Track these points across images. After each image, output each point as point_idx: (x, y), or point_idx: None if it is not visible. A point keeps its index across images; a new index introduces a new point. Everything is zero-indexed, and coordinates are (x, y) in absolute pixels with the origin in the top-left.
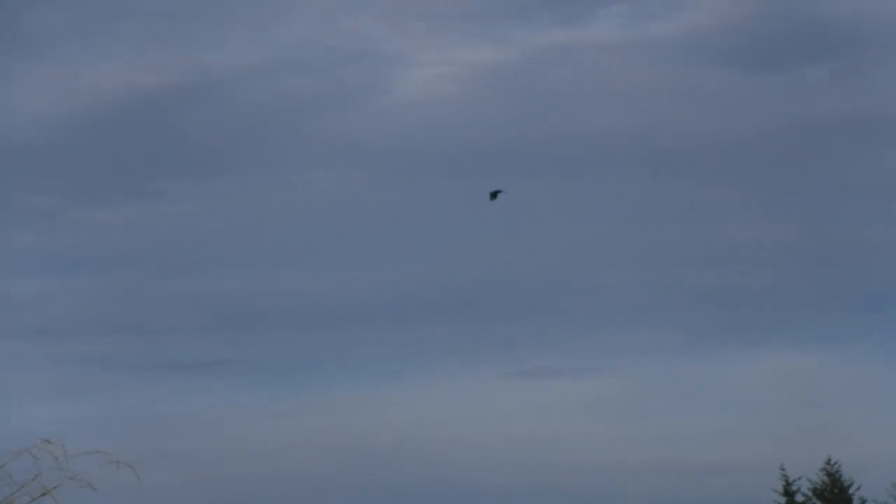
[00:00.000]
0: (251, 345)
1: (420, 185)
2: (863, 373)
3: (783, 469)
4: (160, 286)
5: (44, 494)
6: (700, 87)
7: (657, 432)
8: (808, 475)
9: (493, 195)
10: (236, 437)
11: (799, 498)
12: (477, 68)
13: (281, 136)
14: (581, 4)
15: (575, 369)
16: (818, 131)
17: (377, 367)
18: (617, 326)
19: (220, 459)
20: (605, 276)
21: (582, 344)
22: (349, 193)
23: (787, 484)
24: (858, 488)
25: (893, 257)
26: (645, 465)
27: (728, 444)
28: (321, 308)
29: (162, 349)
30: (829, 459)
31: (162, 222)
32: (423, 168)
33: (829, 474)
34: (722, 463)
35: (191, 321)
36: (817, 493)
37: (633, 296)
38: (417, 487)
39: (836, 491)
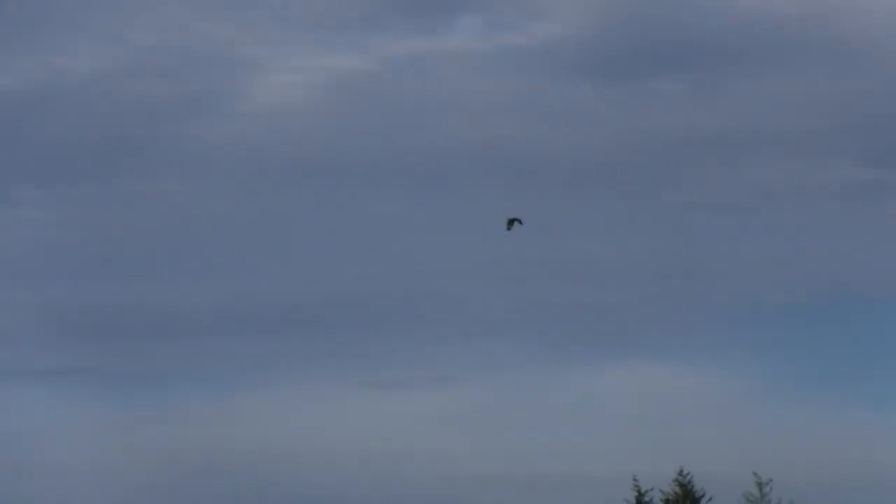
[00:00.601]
0: (103, 355)
1: (275, 194)
2: (716, 385)
3: (636, 480)
4: (6, 294)
5: None
6: (556, 100)
7: (513, 445)
8: (660, 486)
9: (510, 224)
10: (84, 448)
11: None
12: (333, 76)
13: (134, 143)
14: (438, 14)
15: (431, 380)
16: (675, 145)
17: (231, 379)
18: (473, 339)
19: (65, 472)
20: (462, 288)
21: (438, 355)
22: (204, 202)
23: (640, 495)
24: (710, 499)
25: (747, 272)
26: (500, 477)
27: (582, 457)
28: (176, 318)
29: (8, 358)
30: (682, 470)
31: (12, 230)
32: (278, 176)
33: (681, 485)
34: (576, 475)
35: (39, 330)
36: (669, 503)
37: (489, 308)
38: (272, 499)
39: (687, 502)
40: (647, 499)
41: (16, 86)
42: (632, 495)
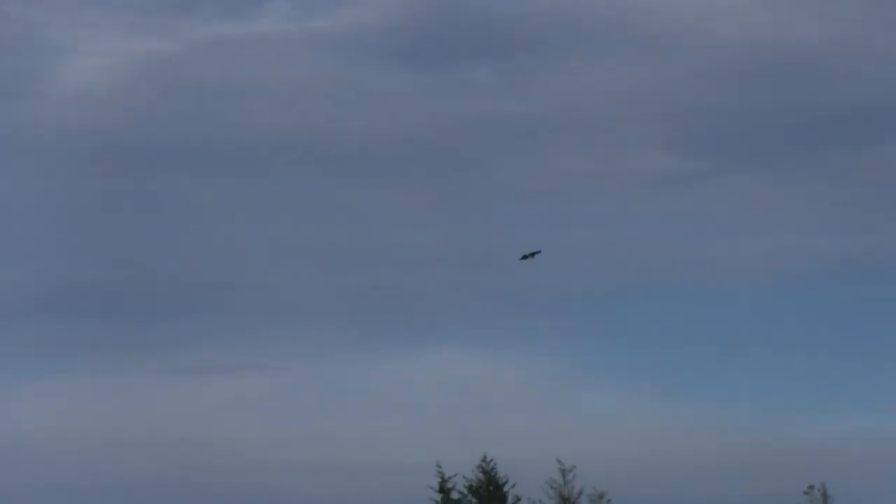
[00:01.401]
0: None
1: (80, 178)
2: (523, 373)
3: (439, 466)
4: None
5: None
6: (365, 85)
7: (319, 432)
8: (464, 473)
9: (528, 255)
10: None
11: (455, 495)
12: (141, 59)
13: None
14: None
15: (238, 367)
16: (483, 132)
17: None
18: (282, 325)
19: None
20: (271, 274)
21: (246, 342)
22: (6, 183)
23: (443, 481)
24: (514, 486)
25: (555, 261)
26: (306, 464)
27: (388, 444)
28: None
29: None
30: (485, 457)
31: None
32: (84, 160)
33: (484, 472)
34: (381, 462)
35: None
36: (472, 490)
37: (298, 295)
38: (67, 487)
39: (491, 488)
40: (450, 485)
41: None
42: (435, 482)
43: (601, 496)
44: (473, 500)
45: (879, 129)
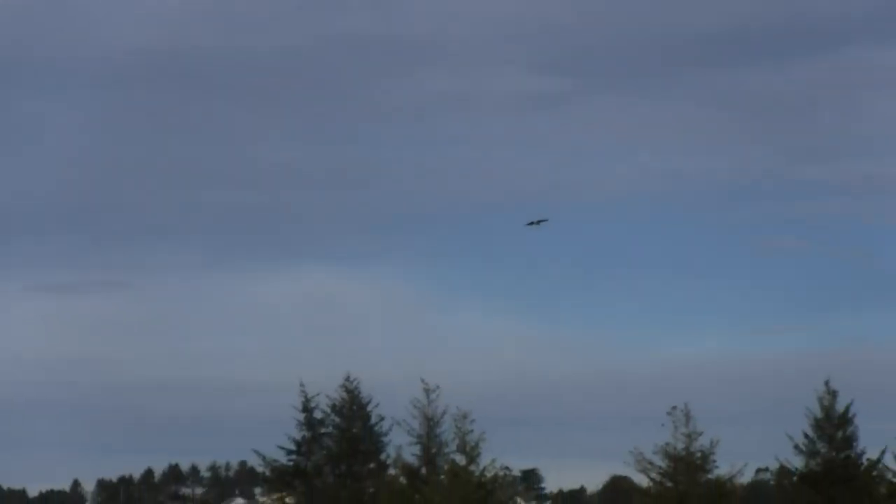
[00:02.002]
0: None
1: None
2: (386, 292)
3: (302, 386)
4: None
5: None
6: (230, 4)
7: (181, 350)
8: (327, 392)
9: (535, 223)
10: None
11: (318, 414)
12: None
13: None
14: None
15: (100, 285)
16: (348, 52)
17: None
18: (142, 243)
19: None
20: (131, 193)
21: (107, 260)
22: None
23: (307, 400)
24: (377, 405)
25: (417, 180)
26: (168, 383)
27: (252, 362)
28: None
29: None
30: (349, 376)
31: None
32: None
33: (348, 391)
34: (244, 381)
35: None
36: (336, 409)
37: (159, 213)
38: None
39: (354, 407)
40: (313, 405)
41: None
42: (299, 401)
43: (465, 416)
44: (336, 419)
45: (747, 53)
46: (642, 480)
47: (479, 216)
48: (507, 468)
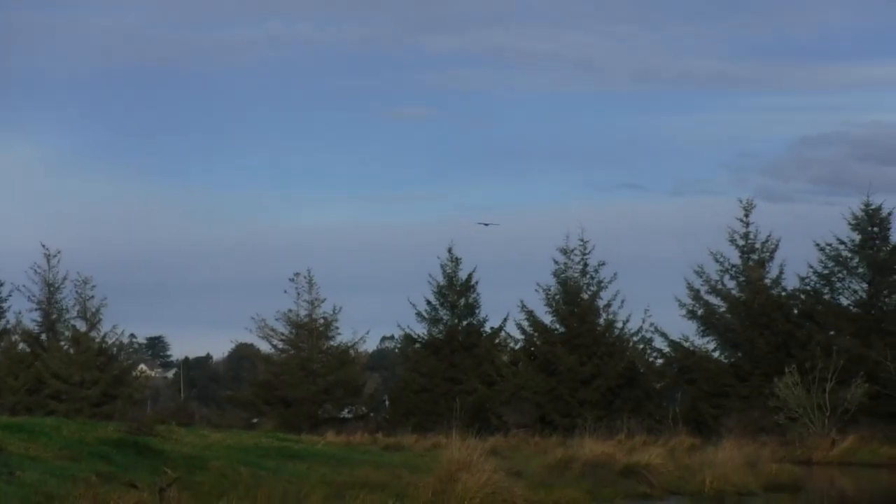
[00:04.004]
0: None
1: None
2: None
3: None
4: None
5: None
6: None
7: None
8: None
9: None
10: None
11: None
12: None
13: None
14: None
15: None
16: None
17: None
18: None
19: None
20: None
21: None
22: None
23: None
24: None
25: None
26: None
27: None
28: None
29: None
30: None
31: None
32: None
33: None
34: None
35: None
36: None
37: None
38: None
39: None
40: None
41: None
42: None
43: (85, 282)
44: None
45: None
46: (266, 348)
47: (99, 80)
48: (132, 335)
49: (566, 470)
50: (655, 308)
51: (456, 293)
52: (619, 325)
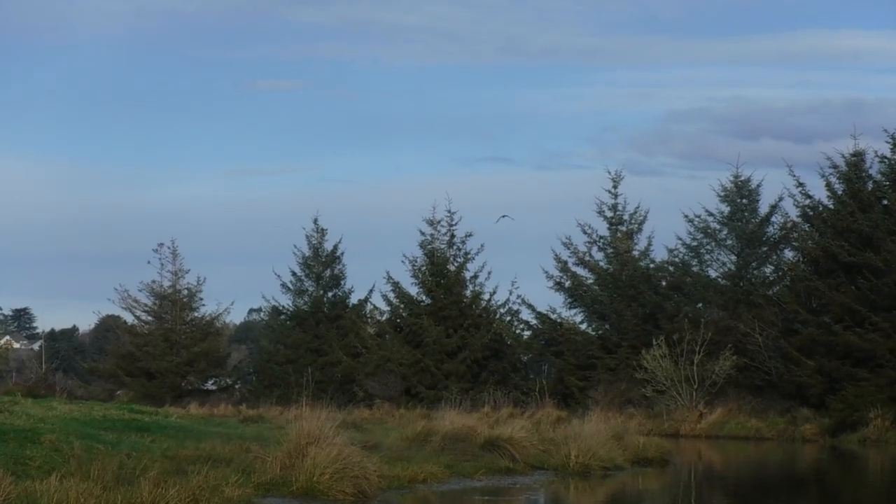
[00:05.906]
0: None
1: None
2: None
3: None
4: None
5: None
6: None
7: None
8: None
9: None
10: None
11: None
12: None
13: None
14: None
15: None
16: None
17: None
18: None
19: None
20: None
21: None
22: None
23: None
24: None
25: None
26: None
27: None
28: None
29: None
30: None
31: None
32: None
33: None
34: None
35: None
36: None
37: None
38: None
39: None
40: None
41: None
42: None
43: None
44: None
45: None
46: (131, 319)
47: None
48: None
49: (426, 443)
50: (523, 280)
51: (321, 264)
52: (486, 296)
